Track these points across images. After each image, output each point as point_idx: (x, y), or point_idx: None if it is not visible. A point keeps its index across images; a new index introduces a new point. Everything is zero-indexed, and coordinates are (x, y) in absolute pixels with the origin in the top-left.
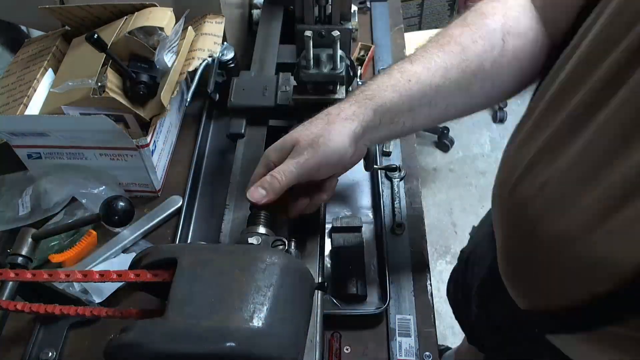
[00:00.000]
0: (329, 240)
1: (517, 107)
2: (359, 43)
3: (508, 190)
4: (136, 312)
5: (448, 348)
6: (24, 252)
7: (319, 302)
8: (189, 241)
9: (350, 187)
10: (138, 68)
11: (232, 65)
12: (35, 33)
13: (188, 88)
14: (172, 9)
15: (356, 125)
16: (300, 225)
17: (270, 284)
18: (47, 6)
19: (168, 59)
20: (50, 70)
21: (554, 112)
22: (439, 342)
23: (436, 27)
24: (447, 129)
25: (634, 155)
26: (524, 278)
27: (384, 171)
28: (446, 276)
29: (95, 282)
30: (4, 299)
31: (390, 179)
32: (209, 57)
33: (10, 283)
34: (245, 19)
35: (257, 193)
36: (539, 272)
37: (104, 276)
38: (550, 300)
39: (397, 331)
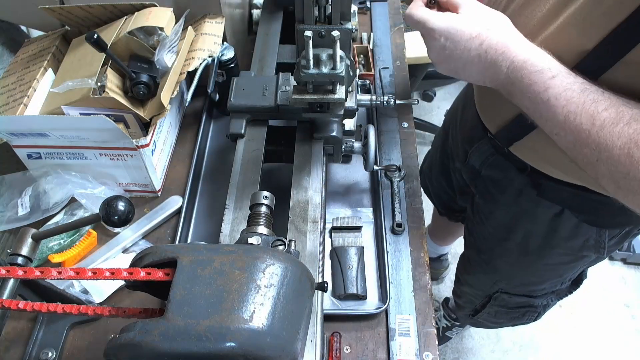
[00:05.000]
0: (329, 240)
1: None
2: (355, 46)
3: None
4: (138, 312)
5: None
6: (24, 252)
7: (319, 302)
8: (189, 241)
9: (350, 187)
10: (138, 68)
11: (232, 65)
12: (35, 33)
13: (188, 88)
14: (172, 9)
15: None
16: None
17: (270, 284)
18: (47, 6)
19: (168, 59)
20: (50, 70)
21: None
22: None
23: None
24: None
25: None
26: (488, 99)
27: (384, 171)
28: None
29: (87, 279)
30: (4, 298)
31: (390, 179)
32: (209, 57)
33: (11, 283)
34: (245, 19)
35: None
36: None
37: (97, 274)
38: (505, 115)
39: (397, 331)
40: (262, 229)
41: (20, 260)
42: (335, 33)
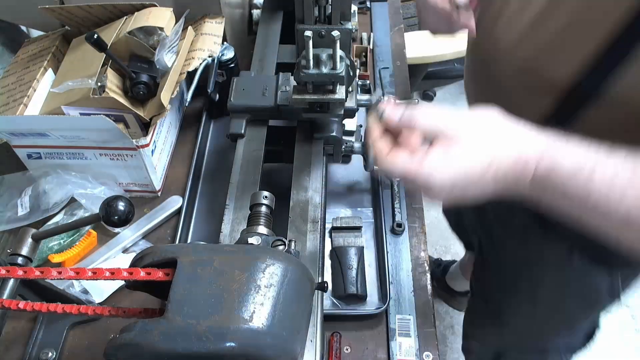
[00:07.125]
0: (329, 240)
1: None
2: (355, 46)
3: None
4: (138, 312)
5: (454, 261)
6: (23, 252)
7: (319, 302)
8: (189, 241)
9: (350, 187)
10: (138, 68)
11: (232, 65)
12: (35, 33)
13: (188, 88)
14: (172, 9)
15: None
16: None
17: (270, 284)
18: (47, 6)
19: (168, 59)
20: (50, 70)
21: None
22: (439, 339)
23: None
24: None
25: None
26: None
27: None
28: None
29: (87, 279)
30: (4, 298)
31: (390, 179)
32: (209, 57)
33: (11, 283)
34: (245, 19)
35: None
36: (497, 91)
37: (97, 274)
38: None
39: (397, 331)
40: (262, 229)
41: (20, 260)
42: (335, 33)
